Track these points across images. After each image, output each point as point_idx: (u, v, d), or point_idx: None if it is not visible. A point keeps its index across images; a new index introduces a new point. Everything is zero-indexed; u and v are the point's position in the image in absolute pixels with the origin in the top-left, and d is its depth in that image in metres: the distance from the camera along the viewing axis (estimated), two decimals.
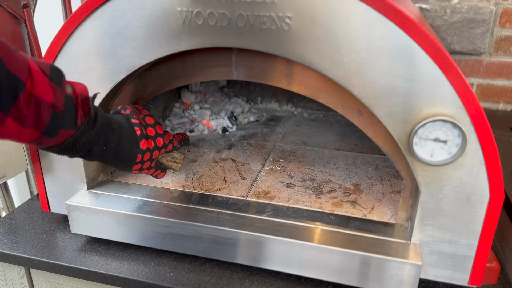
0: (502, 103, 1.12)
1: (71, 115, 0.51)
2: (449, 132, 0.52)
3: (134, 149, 0.62)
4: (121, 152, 0.59)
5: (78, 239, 0.73)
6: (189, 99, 1.10)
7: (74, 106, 0.51)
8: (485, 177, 0.53)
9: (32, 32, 0.93)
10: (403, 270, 0.57)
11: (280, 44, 0.56)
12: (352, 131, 1.01)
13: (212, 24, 0.57)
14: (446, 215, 0.56)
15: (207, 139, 0.98)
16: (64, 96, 0.50)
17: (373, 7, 0.50)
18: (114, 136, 0.58)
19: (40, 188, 0.75)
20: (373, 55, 0.52)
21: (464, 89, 0.50)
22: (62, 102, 0.50)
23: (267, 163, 0.85)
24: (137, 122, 0.63)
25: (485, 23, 1.02)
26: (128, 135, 0.61)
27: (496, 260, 0.60)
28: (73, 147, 0.53)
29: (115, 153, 0.59)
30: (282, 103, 1.18)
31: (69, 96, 0.51)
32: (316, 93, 0.65)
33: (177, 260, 0.68)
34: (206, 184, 0.77)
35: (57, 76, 0.50)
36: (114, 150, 0.58)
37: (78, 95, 0.52)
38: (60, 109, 0.50)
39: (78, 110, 0.52)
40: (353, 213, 0.67)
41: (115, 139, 0.58)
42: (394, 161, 0.62)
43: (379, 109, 0.54)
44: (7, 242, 0.73)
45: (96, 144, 0.55)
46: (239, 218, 0.65)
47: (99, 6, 0.60)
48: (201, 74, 0.73)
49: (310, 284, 0.63)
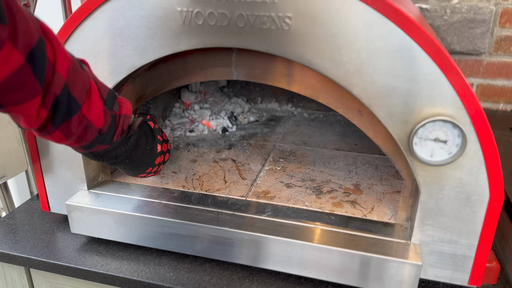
0: (502, 103, 1.12)
1: (110, 133, 0.55)
2: (449, 132, 0.52)
3: (150, 163, 0.67)
4: (140, 165, 0.65)
5: (78, 239, 0.73)
6: (189, 99, 1.10)
7: (115, 124, 0.55)
8: (485, 177, 0.53)
9: None
10: (403, 270, 0.57)
11: (280, 44, 0.56)
12: (352, 131, 1.01)
13: (212, 24, 0.57)
14: (446, 215, 0.56)
15: (207, 139, 0.98)
16: (111, 117, 0.54)
17: (373, 7, 0.50)
18: (139, 151, 0.62)
19: (40, 188, 0.75)
20: (373, 55, 0.52)
21: (464, 89, 0.50)
22: (109, 124, 0.53)
23: (267, 163, 0.85)
24: (160, 139, 0.68)
25: (485, 23, 1.02)
26: (150, 151, 0.65)
27: (496, 260, 0.60)
28: (101, 157, 0.57)
29: (135, 165, 0.64)
30: (282, 103, 1.18)
31: (114, 115, 0.54)
32: (316, 93, 0.65)
33: (177, 260, 0.68)
34: (206, 184, 0.77)
35: (111, 101, 0.54)
36: (135, 163, 0.63)
37: (122, 114, 0.56)
38: (105, 130, 0.53)
39: (118, 128, 0.55)
40: (353, 213, 0.67)
41: (139, 154, 0.63)
42: (394, 161, 0.62)
43: (379, 109, 0.55)
44: (7, 242, 0.73)
45: (123, 157, 0.60)
46: (239, 218, 0.65)
47: (99, 6, 0.60)
48: (201, 74, 0.73)
49: (310, 284, 0.63)
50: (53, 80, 0.45)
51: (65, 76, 0.46)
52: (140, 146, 0.62)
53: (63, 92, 0.46)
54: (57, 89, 0.45)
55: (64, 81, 0.46)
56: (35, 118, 0.46)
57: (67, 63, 0.46)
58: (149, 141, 0.65)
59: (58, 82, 0.45)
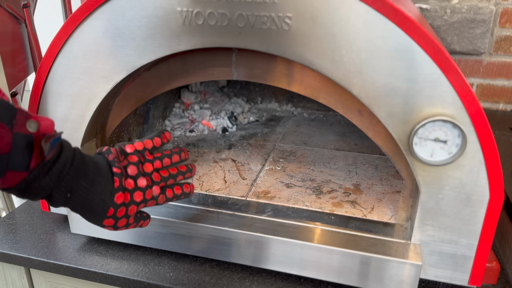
0: (502, 103, 1.12)
1: (21, 156, 0.45)
2: (449, 132, 0.52)
3: (107, 201, 0.51)
4: (90, 202, 0.50)
5: (78, 239, 0.73)
6: (189, 99, 1.10)
7: (28, 145, 0.45)
8: (485, 177, 0.53)
9: (32, 32, 0.93)
10: (403, 270, 0.57)
11: (280, 44, 0.56)
12: (352, 131, 1.01)
13: (212, 24, 0.57)
14: (446, 215, 0.56)
15: (207, 139, 0.98)
16: (12, 135, 0.44)
17: (373, 7, 0.50)
18: (84, 182, 0.50)
19: None
20: (373, 55, 0.52)
21: (464, 89, 0.50)
22: (8, 141, 0.44)
23: (267, 163, 0.85)
24: (118, 171, 0.53)
25: (485, 23, 1.02)
26: (103, 183, 0.51)
27: (496, 260, 0.60)
28: (26, 191, 0.47)
29: (83, 202, 0.50)
30: (282, 103, 1.18)
31: (24, 134, 0.45)
32: (316, 93, 0.65)
33: (177, 260, 0.68)
34: (206, 184, 0.77)
35: (5, 112, 0.44)
36: (82, 199, 0.50)
37: (40, 133, 0.46)
38: (3, 149, 0.44)
39: (35, 151, 0.46)
40: (353, 213, 0.67)
41: (85, 186, 0.50)
42: (394, 161, 0.62)
43: (379, 109, 0.55)
44: (7, 242, 0.73)
45: (56, 190, 0.48)
46: (239, 218, 0.65)
47: (99, 6, 0.60)
48: (201, 74, 0.73)
49: (310, 284, 0.63)
50: None
51: None
52: (84, 176, 0.50)
53: None
54: None
55: None
56: None
57: None
58: (101, 171, 0.51)
59: None
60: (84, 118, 0.68)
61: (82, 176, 0.49)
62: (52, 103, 0.68)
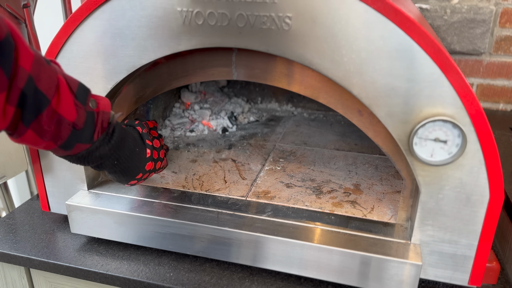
0: (502, 103, 1.12)
1: (89, 131, 0.53)
2: (449, 132, 0.52)
3: (141, 168, 0.64)
4: (129, 168, 0.62)
5: (78, 239, 0.73)
6: (189, 99, 1.10)
7: (94, 121, 0.53)
8: (485, 177, 0.53)
9: (32, 32, 0.93)
10: (403, 270, 0.57)
11: (280, 44, 0.56)
12: (352, 131, 1.01)
13: (212, 24, 0.57)
14: (446, 215, 0.56)
15: (207, 139, 0.98)
16: (86, 113, 0.52)
17: (373, 7, 0.50)
18: (127, 152, 0.60)
19: (40, 188, 0.75)
20: (373, 55, 0.52)
21: (464, 89, 0.50)
22: (83, 119, 0.52)
23: (267, 163, 0.85)
24: (150, 144, 0.66)
25: (485, 23, 1.02)
26: (139, 154, 0.63)
27: (496, 260, 0.60)
28: (86, 159, 0.55)
29: (124, 168, 0.61)
30: (282, 103, 1.18)
31: (90, 112, 0.53)
32: (316, 93, 0.65)
33: (177, 260, 0.68)
34: (206, 184, 0.77)
35: (83, 95, 0.52)
36: (124, 166, 0.61)
37: (100, 110, 0.54)
38: (80, 126, 0.51)
39: (97, 126, 0.54)
40: (353, 213, 0.67)
41: (127, 155, 0.60)
42: (394, 161, 0.62)
43: (379, 109, 0.55)
44: (7, 242, 0.73)
45: (109, 158, 0.58)
46: (239, 218, 0.65)
47: (99, 6, 0.60)
48: (201, 74, 0.73)
49: (310, 284, 0.63)
50: (17, 74, 0.44)
51: (29, 70, 0.45)
52: (128, 147, 0.60)
53: (29, 86, 0.45)
54: (21, 82, 0.44)
55: (27, 74, 0.45)
56: (2, 117, 0.45)
57: (29, 57, 0.45)
58: (138, 143, 0.63)
59: (21, 76, 0.44)
60: None
61: (126, 147, 0.60)
62: None
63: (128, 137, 0.60)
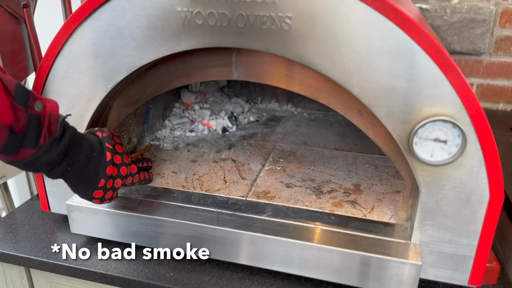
0: (502, 103, 1.12)
1: (33, 135, 0.50)
2: (449, 132, 0.52)
3: (100, 173, 0.59)
4: (86, 174, 0.57)
5: (78, 239, 0.73)
6: (189, 99, 1.10)
7: (39, 125, 0.50)
8: (485, 177, 0.53)
9: (32, 32, 0.93)
10: (403, 270, 0.57)
11: (280, 44, 0.56)
12: (352, 131, 1.01)
13: (212, 24, 0.57)
14: (446, 215, 0.56)
15: (207, 139, 0.98)
16: (27, 116, 0.49)
17: (373, 7, 0.50)
18: (82, 157, 0.56)
19: (40, 188, 0.75)
20: (373, 55, 0.52)
21: (464, 89, 0.50)
22: (24, 122, 0.48)
23: (267, 163, 0.85)
24: (110, 147, 0.60)
25: (485, 23, 1.02)
26: (98, 158, 0.58)
27: (496, 260, 0.60)
28: (33, 165, 0.52)
29: (79, 174, 0.57)
30: (282, 103, 1.18)
31: (35, 115, 0.50)
32: (316, 93, 0.65)
33: (177, 260, 0.68)
34: (206, 184, 0.77)
35: (22, 96, 0.48)
36: (79, 171, 0.56)
37: (47, 113, 0.51)
38: (20, 129, 0.48)
39: (43, 129, 0.51)
40: (353, 213, 0.67)
41: (83, 160, 0.56)
42: (394, 161, 0.62)
43: (379, 109, 0.54)
44: (7, 242, 0.73)
45: (59, 164, 0.54)
46: (239, 218, 0.65)
47: (99, 6, 0.60)
48: (201, 74, 0.73)
49: (310, 284, 0.63)
50: None
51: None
52: (83, 151, 0.56)
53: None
54: None
55: None
56: None
57: None
58: (95, 147, 0.58)
59: None
60: (84, 118, 0.68)
61: (81, 151, 0.56)
62: None
63: (83, 142, 0.57)
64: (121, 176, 0.62)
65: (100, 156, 0.59)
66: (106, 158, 0.59)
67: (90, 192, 0.59)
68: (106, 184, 0.60)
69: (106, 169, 0.59)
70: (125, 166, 0.63)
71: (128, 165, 0.64)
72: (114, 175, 0.61)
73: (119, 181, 0.62)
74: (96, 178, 0.58)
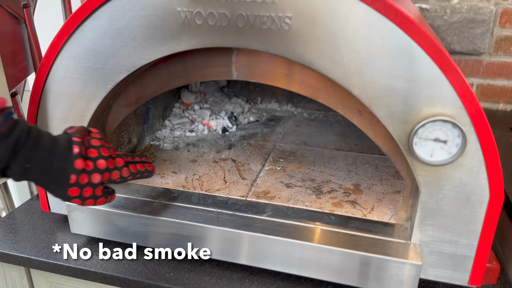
0: (502, 103, 1.12)
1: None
2: (449, 132, 0.52)
3: (68, 168, 0.54)
4: (51, 170, 0.53)
5: (78, 239, 0.73)
6: (189, 99, 1.10)
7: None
8: (485, 177, 0.53)
9: (32, 32, 0.93)
10: (403, 270, 0.57)
11: (280, 44, 0.56)
12: (352, 131, 1.01)
13: (212, 24, 0.57)
14: (446, 215, 0.56)
15: (207, 139, 0.98)
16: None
17: (373, 7, 0.50)
18: (42, 152, 0.52)
19: (40, 188, 0.75)
20: (373, 55, 0.52)
21: (464, 89, 0.50)
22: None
23: (267, 163, 0.85)
24: (77, 140, 0.56)
25: (485, 23, 1.02)
26: (61, 152, 0.54)
27: (496, 260, 0.60)
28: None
29: (44, 171, 0.53)
30: (282, 103, 1.18)
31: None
32: (316, 93, 0.65)
33: (177, 260, 0.68)
34: (206, 184, 0.77)
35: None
36: (42, 168, 0.52)
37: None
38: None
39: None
40: (353, 213, 0.67)
41: (43, 156, 0.52)
42: (394, 161, 0.62)
43: (379, 109, 0.54)
44: (7, 242, 0.73)
45: (14, 161, 0.50)
46: (239, 218, 0.65)
47: (99, 6, 0.60)
48: (201, 74, 0.73)
49: (310, 284, 0.63)
50: None
51: None
52: (42, 146, 0.52)
53: None
54: None
55: None
56: None
57: None
58: (59, 142, 0.54)
59: None
60: (84, 118, 0.68)
61: (40, 147, 0.52)
62: (52, 103, 0.68)
63: (42, 137, 0.53)
64: (99, 170, 0.57)
65: (64, 150, 0.54)
66: (72, 152, 0.55)
67: (63, 191, 0.55)
68: (79, 180, 0.55)
69: (73, 163, 0.54)
70: (103, 159, 0.57)
71: (108, 158, 0.58)
72: (88, 169, 0.56)
73: (96, 176, 0.57)
74: (65, 174, 0.54)
